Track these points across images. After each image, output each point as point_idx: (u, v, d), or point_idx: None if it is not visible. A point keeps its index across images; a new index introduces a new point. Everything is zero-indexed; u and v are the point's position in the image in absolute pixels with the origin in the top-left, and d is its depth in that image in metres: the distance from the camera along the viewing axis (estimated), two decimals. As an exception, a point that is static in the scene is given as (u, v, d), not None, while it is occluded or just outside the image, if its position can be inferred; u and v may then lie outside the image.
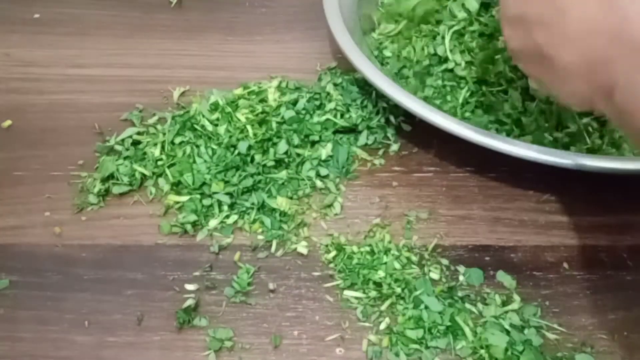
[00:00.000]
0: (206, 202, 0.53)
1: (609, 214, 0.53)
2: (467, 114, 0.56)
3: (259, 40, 0.66)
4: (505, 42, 0.44)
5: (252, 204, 0.53)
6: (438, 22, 0.60)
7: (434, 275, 0.49)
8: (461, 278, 0.49)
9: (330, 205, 0.54)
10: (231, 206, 0.53)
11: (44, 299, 0.48)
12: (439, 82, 0.58)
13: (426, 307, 0.47)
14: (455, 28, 0.58)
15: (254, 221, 0.52)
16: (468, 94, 0.56)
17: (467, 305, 0.47)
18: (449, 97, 0.57)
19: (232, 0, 0.70)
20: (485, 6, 0.58)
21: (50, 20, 0.68)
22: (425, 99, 0.56)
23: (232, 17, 0.68)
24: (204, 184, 0.53)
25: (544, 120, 0.55)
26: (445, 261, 0.50)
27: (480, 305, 0.48)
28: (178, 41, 0.66)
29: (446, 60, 0.58)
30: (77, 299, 0.49)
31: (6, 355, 0.46)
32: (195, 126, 0.56)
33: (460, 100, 0.56)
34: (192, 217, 0.52)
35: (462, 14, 0.58)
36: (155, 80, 0.62)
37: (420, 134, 0.57)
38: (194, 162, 0.54)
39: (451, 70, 0.58)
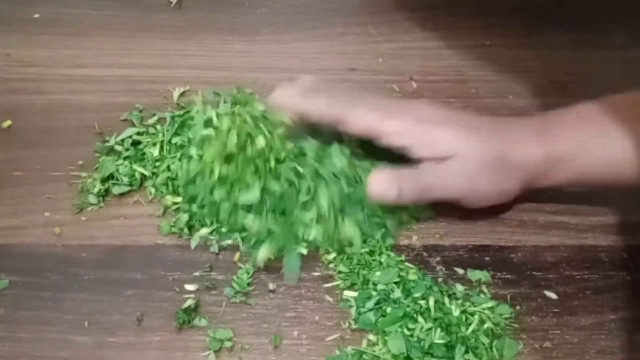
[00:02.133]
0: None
1: (609, 214, 0.53)
2: None
3: (259, 40, 0.66)
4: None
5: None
6: None
7: (433, 275, 0.49)
8: (460, 280, 0.49)
9: (330, 205, 0.53)
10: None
11: (43, 299, 0.49)
12: None
13: (426, 309, 0.47)
14: None
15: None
16: None
17: (467, 306, 0.47)
18: None
19: (232, 0, 0.70)
20: None
21: (50, 20, 0.68)
22: None
23: (232, 17, 0.68)
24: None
25: None
26: (444, 261, 0.50)
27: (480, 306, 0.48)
28: (178, 41, 0.66)
29: None
30: (77, 299, 0.49)
31: (6, 356, 0.46)
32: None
33: None
34: (186, 218, 0.52)
35: None
36: (155, 80, 0.62)
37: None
38: None
39: None
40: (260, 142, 0.48)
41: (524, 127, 0.48)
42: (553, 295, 0.49)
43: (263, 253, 0.48)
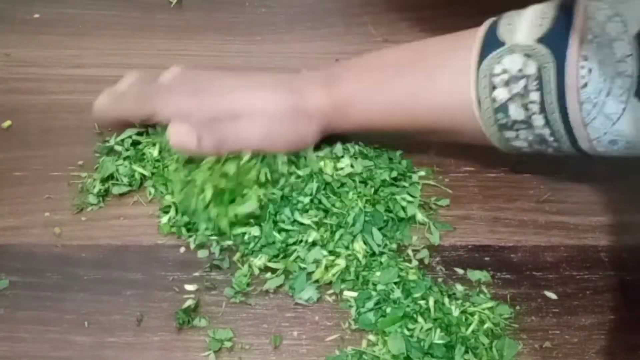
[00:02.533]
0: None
1: (609, 214, 0.53)
2: None
3: (259, 40, 0.66)
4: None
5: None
6: None
7: (433, 275, 0.50)
8: (460, 280, 0.49)
9: (330, 206, 0.53)
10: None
11: (43, 299, 0.49)
12: None
13: (426, 309, 0.47)
14: None
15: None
16: None
17: (467, 306, 0.47)
18: None
19: (232, 0, 0.70)
20: None
21: (50, 20, 0.68)
22: None
23: (232, 17, 0.68)
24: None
25: None
26: (444, 261, 0.50)
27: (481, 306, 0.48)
28: (178, 41, 0.66)
29: None
30: (76, 299, 0.49)
31: (6, 356, 0.46)
32: None
33: None
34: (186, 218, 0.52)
35: None
36: (155, 80, 0.62)
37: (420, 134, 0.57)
38: None
39: None
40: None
41: (311, 80, 0.52)
42: (553, 295, 0.49)
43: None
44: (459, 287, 0.49)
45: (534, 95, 0.44)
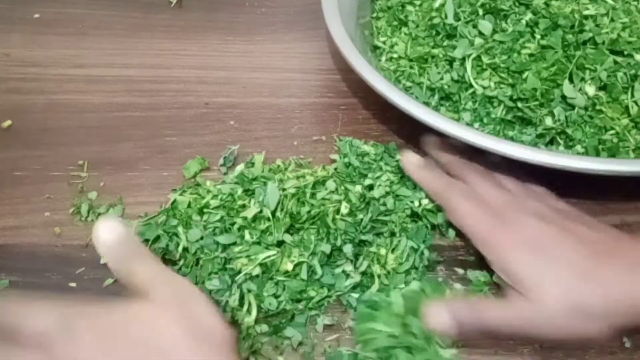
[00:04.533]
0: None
1: (609, 214, 0.53)
2: (509, 132, 0.54)
3: (259, 40, 0.66)
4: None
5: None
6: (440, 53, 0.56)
7: (433, 275, 0.50)
8: (460, 280, 0.49)
9: (330, 206, 0.53)
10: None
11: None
12: (470, 104, 0.54)
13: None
14: (474, 55, 0.55)
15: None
16: (504, 112, 0.54)
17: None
18: (485, 120, 0.54)
19: (232, 0, 0.70)
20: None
21: (50, 20, 0.68)
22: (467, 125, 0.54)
23: (232, 17, 0.68)
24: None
25: (589, 127, 0.53)
26: (444, 261, 0.50)
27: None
28: (178, 41, 0.66)
29: (471, 86, 0.54)
30: (77, 299, 0.49)
31: (6, 356, 0.46)
32: None
33: (497, 119, 0.54)
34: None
35: (478, 40, 0.55)
36: (155, 80, 0.62)
37: (419, 135, 0.57)
38: None
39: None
40: None
41: None
42: (553, 295, 0.49)
43: None
44: (459, 287, 0.49)
45: None
